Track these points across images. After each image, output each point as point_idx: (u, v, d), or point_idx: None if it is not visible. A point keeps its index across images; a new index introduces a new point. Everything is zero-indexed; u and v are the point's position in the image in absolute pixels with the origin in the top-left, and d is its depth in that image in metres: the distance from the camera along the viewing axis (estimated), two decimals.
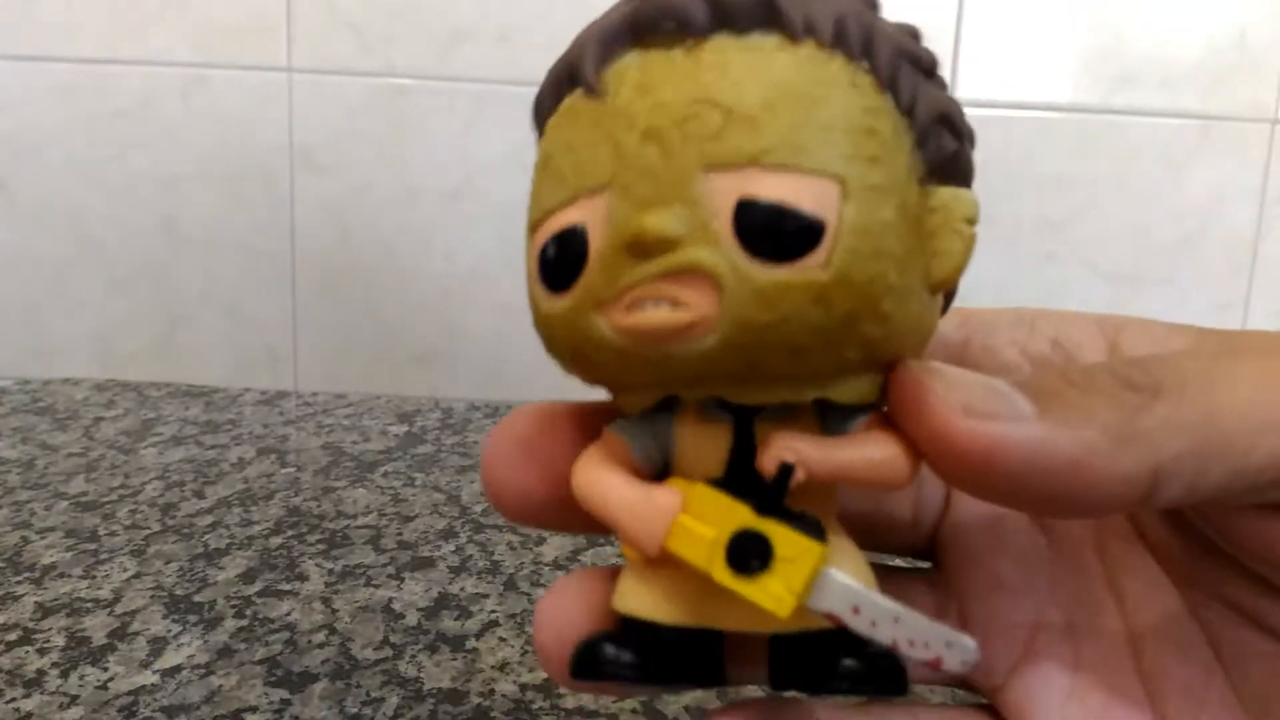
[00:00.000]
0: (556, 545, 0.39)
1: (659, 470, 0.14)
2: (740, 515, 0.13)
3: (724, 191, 0.12)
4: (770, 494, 0.13)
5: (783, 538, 0.13)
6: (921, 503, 0.18)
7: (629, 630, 0.14)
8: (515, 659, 0.30)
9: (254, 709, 0.27)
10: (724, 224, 0.12)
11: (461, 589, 0.35)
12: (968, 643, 0.12)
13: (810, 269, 0.12)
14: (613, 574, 0.15)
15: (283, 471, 0.45)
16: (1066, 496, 0.13)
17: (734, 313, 0.12)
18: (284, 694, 0.28)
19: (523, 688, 0.29)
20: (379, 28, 0.61)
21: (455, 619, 0.33)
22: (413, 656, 0.30)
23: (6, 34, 0.60)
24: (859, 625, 0.13)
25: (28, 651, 0.30)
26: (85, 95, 0.61)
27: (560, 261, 0.13)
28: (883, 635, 0.13)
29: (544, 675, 0.29)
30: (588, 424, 0.16)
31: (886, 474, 0.13)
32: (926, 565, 0.19)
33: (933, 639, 0.12)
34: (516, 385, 0.63)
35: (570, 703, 0.28)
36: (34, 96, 0.61)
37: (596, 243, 0.13)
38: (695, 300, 0.12)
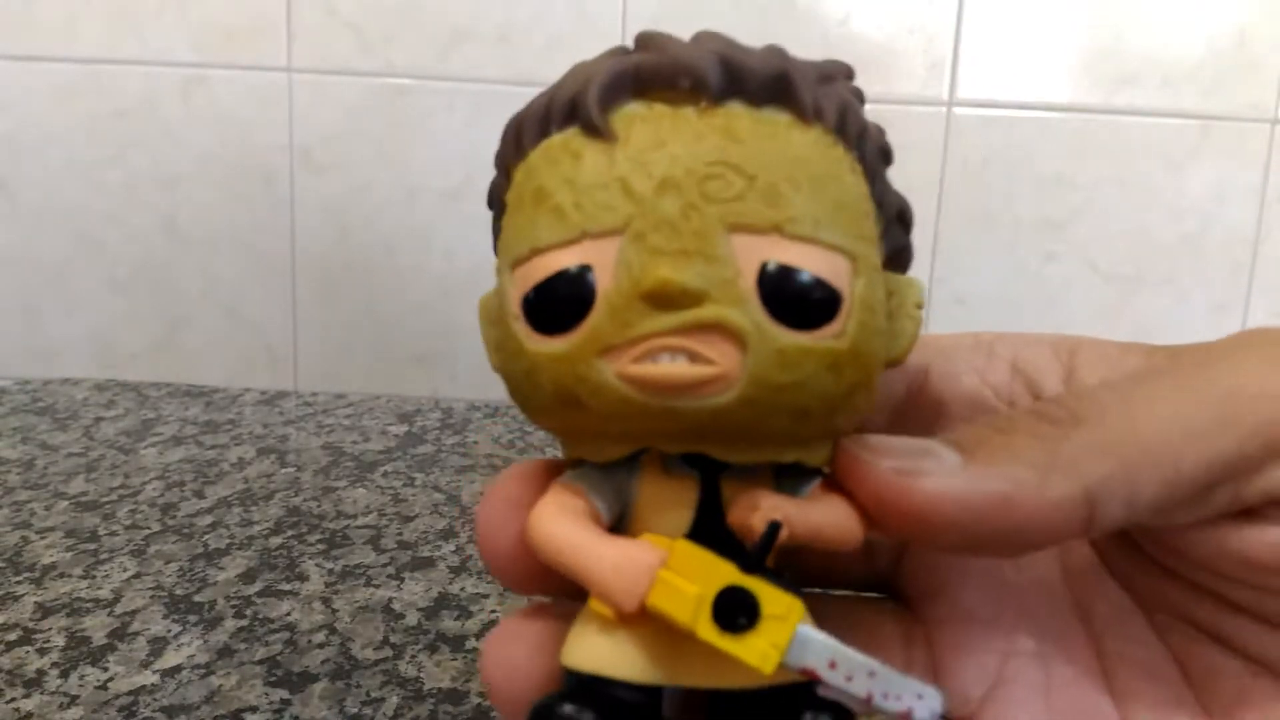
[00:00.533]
0: None
1: (615, 522, 0.14)
2: (725, 573, 0.13)
3: (747, 253, 0.12)
4: (756, 552, 0.13)
5: (768, 595, 0.13)
6: (878, 542, 0.18)
7: (584, 687, 0.14)
8: None
9: (254, 709, 0.27)
10: (749, 284, 0.12)
11: (461, 589, 0.35)
12: (935, 694, 0.13)
13: (828, 338, 0.12)
14: (552, 615, 0.15)
15: (283, 471, 0.45)
16: (1007, 533, 0.13)
17: (756, 372, 0.12)
18: (284, 694, 0.28)
19: None
20: (379, 28, 0.61)
21: (455, 619, 0.32)
22: (413, 656, 0.30)
23: (6, 34, 0.60)
24: (834, 679, 0.13)
25: (28, 651, 0.30)
26: (85, 95, 0.61)
27: (563, 303, 0.13)
28: (857, 688, 0.13)
29: None
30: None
31: (847, 534, 0.14)
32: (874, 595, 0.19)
33: (905, 691, 0.13)
34: None
35: None
36: (34, 96, 0.61)
37: (605, 287, 0.12)
38: (717, 356, 0.12)
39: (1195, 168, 0.62)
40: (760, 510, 0.13)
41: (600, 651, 0.14)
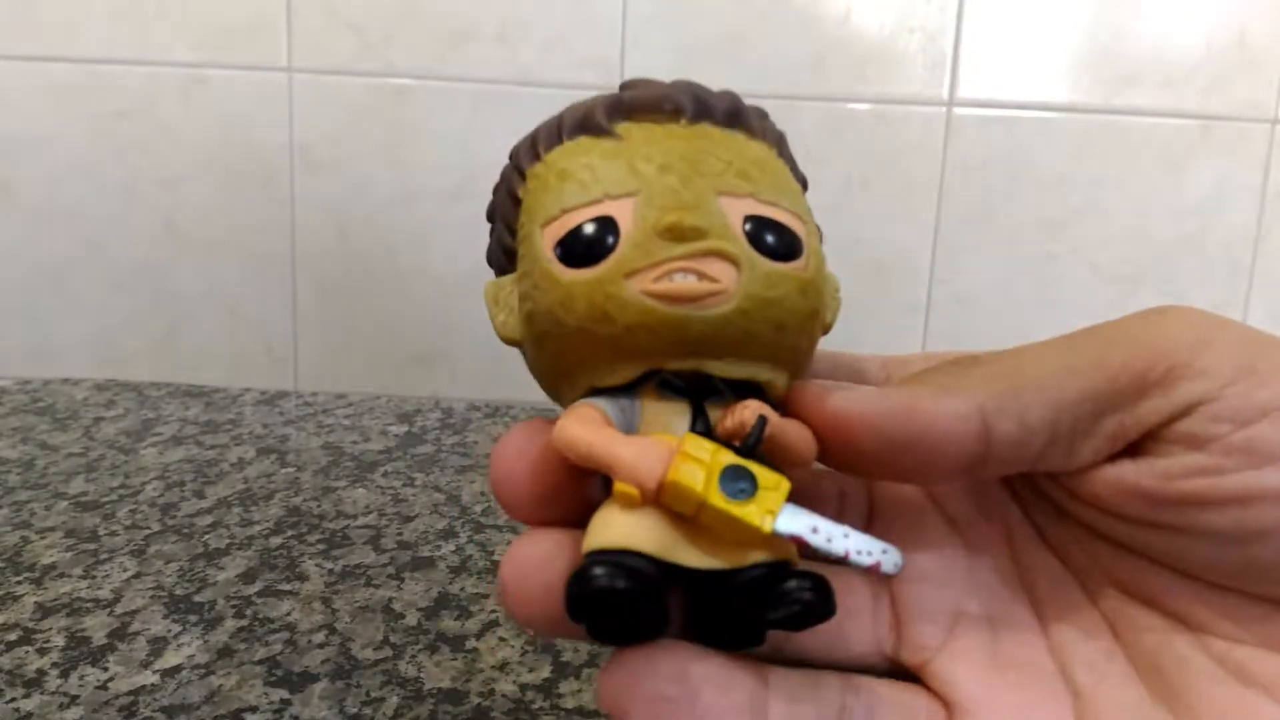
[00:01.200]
0: None
1: (632, 431, 0.17)
2: (727, 455, 0.16)
3: (733, 209, 0.16)
4: (752, 439, 0.16)
5: (762, 472, 0.16)
6: (847, 508, 0.21)
7: (607, 558, 0.15)
8: (515, 659, 0.30)
9: (254, 709, 0.27)
10: (738, 228, 0.16)
11: (461, 589, 0.35)
12: (896, 551, 0.16)
13: (798, 268, 0.17)
14: (566, 530, 0.17)
15: (283, 471, 0.45)
16: (912, 441, 0.16)
17: (748, 288, 0.16)
18: (284, 694, 0.28)
19: (523, 688, 0.29)
20: (379, 28, 0.61)
21: (455, 619, 0.33)
22: (413, 656, 0.30)
23: (6, 34, 0.60)
24: (817, 541, 0.16)
25: (28, 651, 0.30)
26: (85, 95, 0.61)
27: (590, 242, 0.16)
28: (836, 548, 0.16)
29: (544, 675, 0.29)
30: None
31: (805, 446, 0.17)
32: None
33: (874, 548, 0.16)
34: (516, 385, 0.63)
35: (570, 703, 0.28)
36: (34, 96, 0.61)
37: (627, 229, 0.16)
38: (719, 275, 0.16)
39: (1195, 168, 0.62)
40: (750, 408, 0.16)
41: (621, 529, 0.16)
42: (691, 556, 0.16)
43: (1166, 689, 0.16)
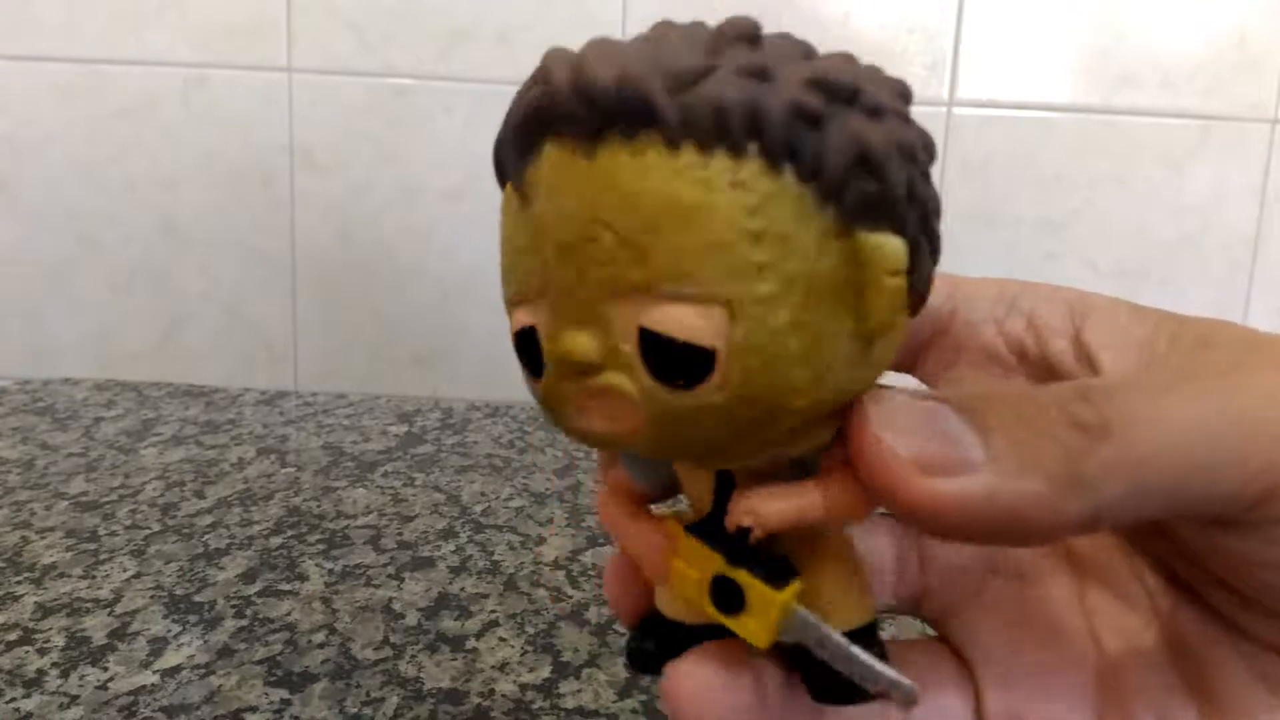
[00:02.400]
0: (556, 545, 0.39)
1: (665, 490, 0.16)
2: (715, 563, 0.15)
3: (627, 319, 0.13)
4: (735, 548, 0.15)
5: (750, 586, 0.14)
6: None
7: (654, 623, 0.17)
8: (515, 659, 0.30)
9: (254, 709, 0.27)
10: (632, 349, 0.13)
11: (461, 589, 0.35)
12: (909, 686, 0.14)
13: (707, 393, 0.13)
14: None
15: (283, 471, 0.45)
16: (1010, 537, 0.14)
17: (654, 427, 0.13)
18: (284, 694, 0.28)
19: (523, 688, 0.29)
20: (379, 28, 0.61)
21: (455, 619, 0.32)
22: (413, 656, 0.30)
23: (6, 34, 0.60)
24: (823, 655, 0.15)
25: (28, 651, 0.30)
26: (85, 95, 0.61)
27: (526, 356, 0.14)
28: (841, 668, 0.14)
29: (544, 675, 0.29)
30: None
31: (840, 514, 0.14)
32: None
33: (881, 680, 0.14)
34: (516, 385, 0.63)
35: (570, 703, 0.28)
36: (34, 96, 0.61)
37: (545, 349, 0.14)
38: (622, 415, 0.13)
39: (1195, 168, 0.62)
40: (731, 513, 0.14)
41: (665, 599, 0.16)
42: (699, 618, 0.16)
43: (1196, 677, 0.16)
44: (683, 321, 0.12)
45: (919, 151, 0.13)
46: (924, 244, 0.14)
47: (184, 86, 0.61)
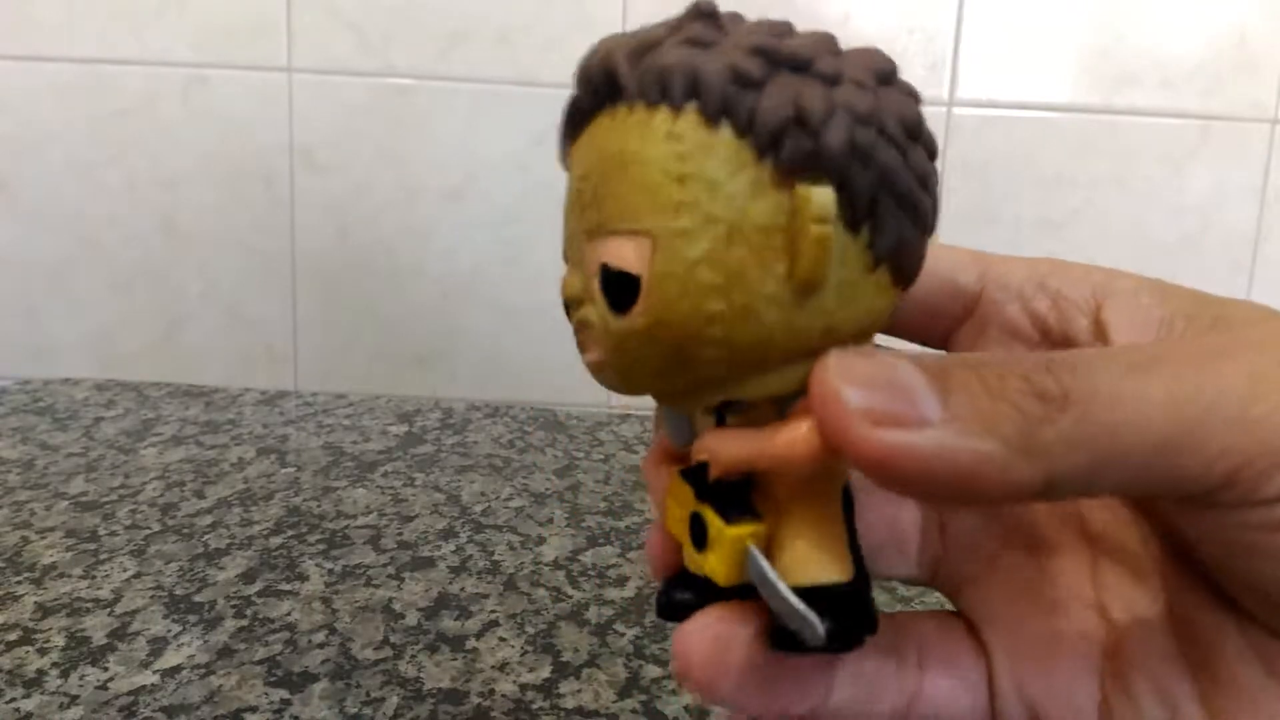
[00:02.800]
0: (556, 545, 0.39)
1: (690, 441, 0.17)
2: (690, 499, 0.16)
3: (592, 255, 0.15)
4: (700, 485, 0.16)
5: (710, 521, 0.16)
6: None
7: (687, 576, 0.17)
8: (515, 659, 0.30)
9: (254, 709, 0.27)
10: (596, 284, 0.15)
11: (461, 589, 0.35)
12: (818, 627, 0.15)
13: (635, 316, 0.14)
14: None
15: (283, 471, 0.45)
16: (960, 496, 0.14)
17: (606, 354, 0.15)
18: (284, 694, 0.28)
19: (523, 688, 0.29)
20: (379, 28, 0.61)
21: (455, 619, 0.33)
22: (413, 656, 0.30)
23: (6, 34, 0.60)
24: (765, 593, 0.15)
25: (28, 651, 0.30)
26: (85, 95, 0.61)
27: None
28: (772, 605, 0.15)
29: (544, 675, 0.29)
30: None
31: (781, 459, 0.15)
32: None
33: (795, 617, 0.15)
34: (516, 385, 0.63)
35: (570, 703, 0.28)
36: (34, 96, 0.61)
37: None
38: (595, 345, 0.15)
39: (1195, 168, 0.62)
40: (694, 449, 0.16)
41: (686, 554, 0.17)
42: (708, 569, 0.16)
43: (1197, 654, 0.16)
44: (619, 252, 0.14)
45: (887, 120, 0.14)
46: (889, 206, 0.14)
47: (184, 86, 0.61)
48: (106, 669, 0.29)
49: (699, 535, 0.16)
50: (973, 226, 0.62)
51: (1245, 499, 0.14)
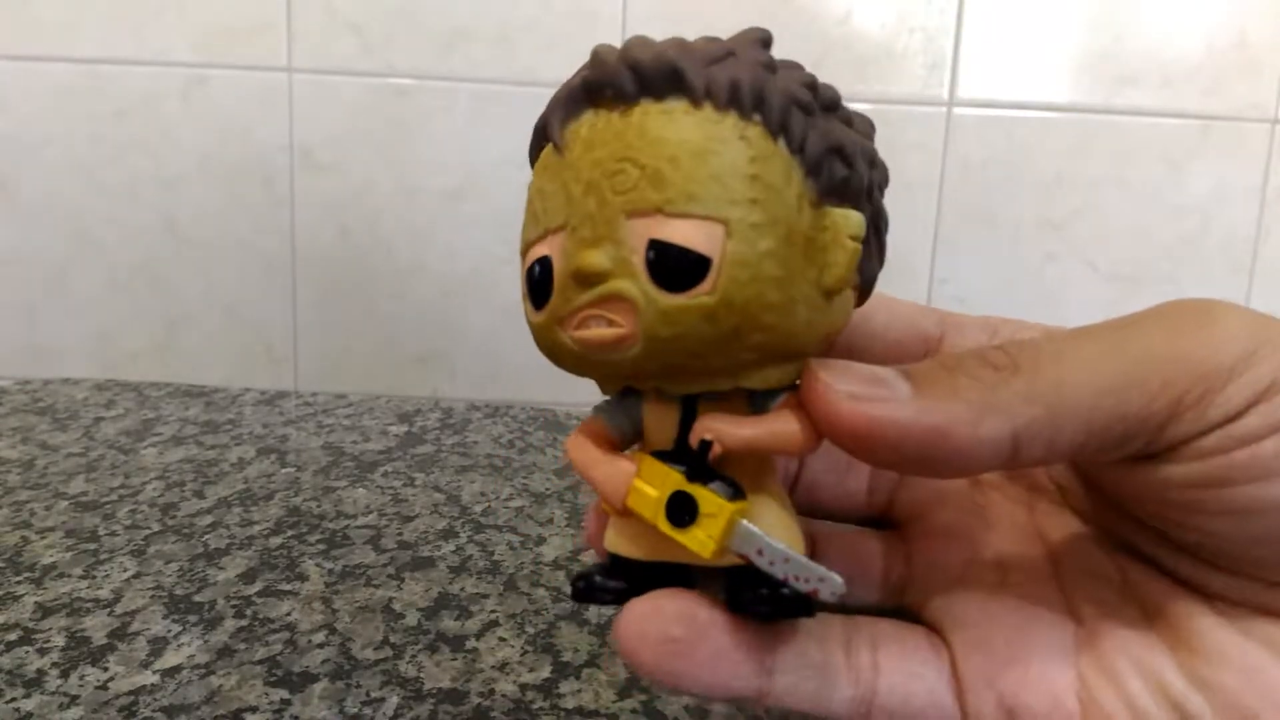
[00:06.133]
0: (556, 545, 0.39)
1: (631, 439, 0.18)
2: (674, 480, 0.17)
3: (639, 233, 0.15)
4: (696, 463, 0.17)
5: (705, 498, 0.16)
6: (876, 480, 0.22)
7: (615, 564, 0.18)
8: (515, 659, 0.30)
9: (254, 709, 0.27)
10: (640, 260, 0.15)
11: (461, 589, 0.35)
12: (837, 580, 0.16)
13: (700, 295, 0.15)
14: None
15: (283, 471, 0.45)
16: (940, 460, 0.16)
17: (647, 329, 0.16)
18: (284, 694, 0.28)
19: (523, 688, 0.29)
20: (379, 28, 0.61)
21: (455, 619, 0.33)
22: (413, 656, 0.30)
23: (6, 34, 0.60)
24: (762, 564, 0.16)
25: (28, 651, 0.30)
26: (85, 95, 0.61)
27: (537, 284, 0.17)
28: (778, 571, 0.16)
29: (544, 675, 0.30)
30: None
31: (785, 444, 0.17)
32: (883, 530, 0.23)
33: (811, 575, 0.16)
34: (516, 385, 0.63)
35: (570, 703, 0.28)
36: (34, 96, 0.61)
37: (557, 271, 0.16)
38: (622, 319, 0.16)
39: (1195, 168, 0.62)
40: (695, 431, 0.17)
41: (621, 538, 0.18)
42: (680, 553, 0.17)
43: (1171, 633, 0.17)
44: (685, 234, 0.15)
45: (877, 163, 0.18)
46: (873, 241, 0.18)
47: (184, 86, 0.61)
48: (106, 669, 0.29)
49: (679, 514, 0.17)
50: (973, 226, 0.62)
51: (1192, 429, 0.15)
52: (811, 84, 0.16)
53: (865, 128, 0.18)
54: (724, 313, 0.15)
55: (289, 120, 0.62)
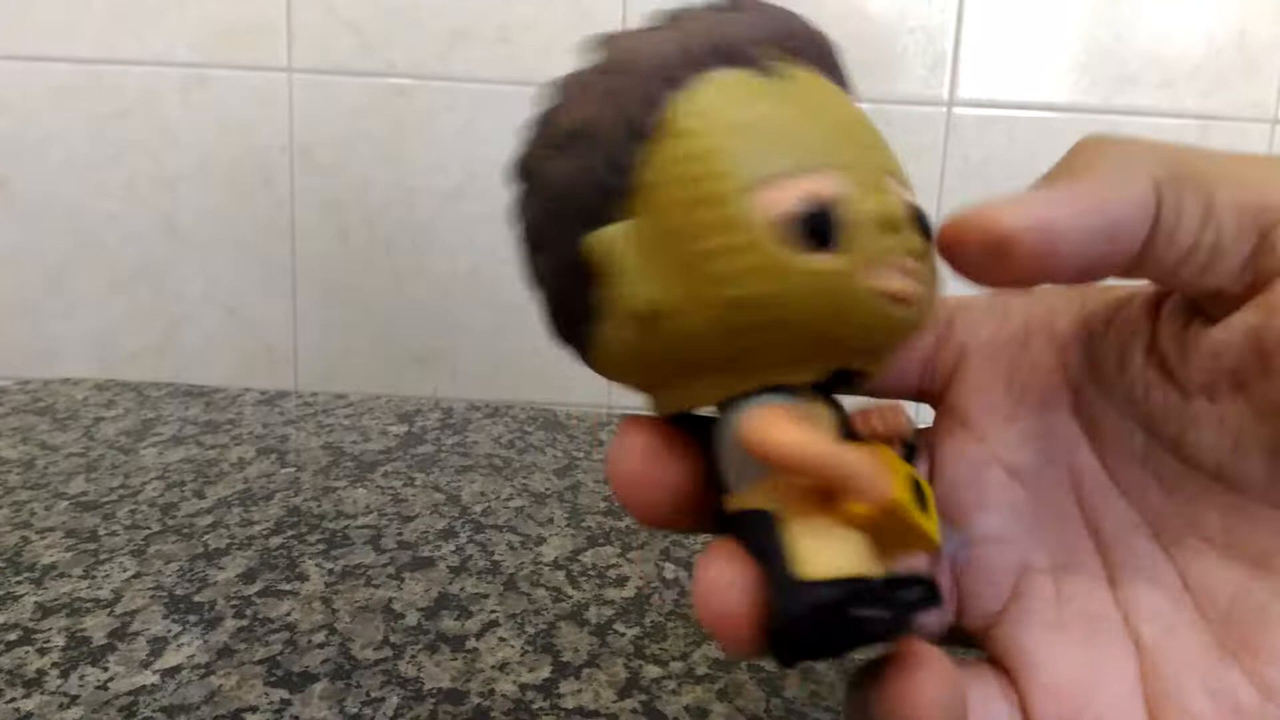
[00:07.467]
0: (556, 545, 0.39)
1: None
2: (906, 468, 0.16)
3: (897, 192, 0.15)
4: (910, 448, 0.16)
5: (928, 490, 0.16)
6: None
7: (852, 588, 0.14)
8: (515, 659, 0.30)
9: (254, 709, 0.27)
10: (911, 216, 0.15)
11: (461, 589, 0.35)
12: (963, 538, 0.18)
13: (936, 251, 0.16)
14: (728, 551, 0.15)
15: (283, 471, 0.45)
16: (1102, 236, 0.16)
17: (926, 290, 0.15)
18: (284, 694, 0.28)
19: (523, 688, 0.29)
20: (379, 28, 0.61)
21: (455, 619, 0.33)
22: (413, 656, 0.30)
23: (6, 34, 0.60)
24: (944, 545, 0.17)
25: (28, 651, 0.30)
26: (85, 95, 0.61)
27: (822, 223, 0.14)
28: (948, 547, 0.18)
29: (544, 675, 0.29)
30: (678, 435, 0.17)
31: (903, 429, 0.16)
32: None
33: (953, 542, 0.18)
34: (516, 385, 0.63)
35: (570, 703, 0.28)
36: (34, 96, 0.61)
37: (845, 213, 0.14)
38: (918, 274, 0.15)
39: None
40: (899, 412, 0.16)
41: (822, 555, 0.14)
42: (879, 566, 0.15)
43: (1238, 639, 0.16)
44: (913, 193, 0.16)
45: None
46: None
47: (184, 86, 0.61)
48: (106, 669, 0.29)
49: (922, 500, 0.16)
50: None
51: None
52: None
53: None
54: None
55: (289, 120, 0.62)
